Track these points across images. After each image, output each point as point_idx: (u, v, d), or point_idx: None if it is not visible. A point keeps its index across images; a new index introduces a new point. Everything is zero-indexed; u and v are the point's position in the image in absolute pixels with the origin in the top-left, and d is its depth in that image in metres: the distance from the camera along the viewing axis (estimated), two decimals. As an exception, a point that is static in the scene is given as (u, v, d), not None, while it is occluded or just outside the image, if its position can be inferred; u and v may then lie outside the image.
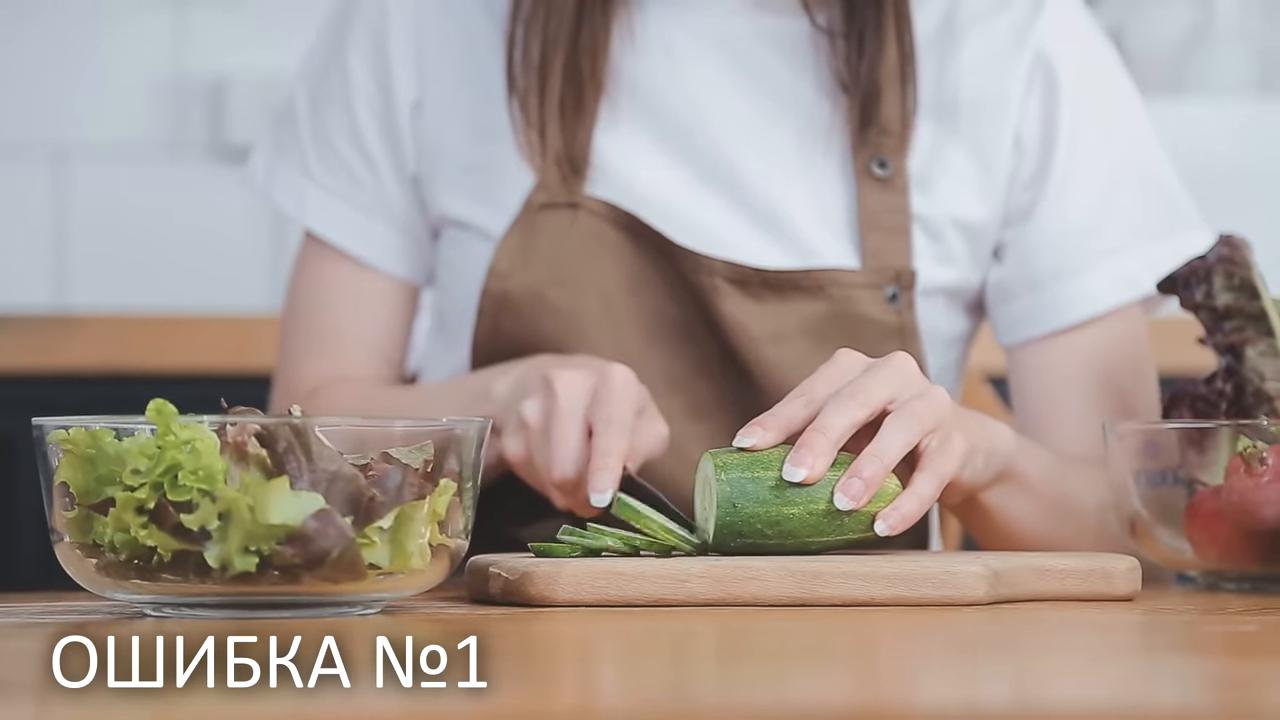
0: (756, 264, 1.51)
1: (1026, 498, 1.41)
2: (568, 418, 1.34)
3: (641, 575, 1.18)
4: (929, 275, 1.53)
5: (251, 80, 2.55)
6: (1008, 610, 1.19)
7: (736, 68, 1.54)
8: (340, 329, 1.57)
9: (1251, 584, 1.33)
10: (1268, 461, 1.29)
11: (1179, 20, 2.62)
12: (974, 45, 1.55)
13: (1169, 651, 1.04)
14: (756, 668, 0.96)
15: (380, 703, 0.84)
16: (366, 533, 1.09)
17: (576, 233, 1.50)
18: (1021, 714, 0.82)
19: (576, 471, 1.34)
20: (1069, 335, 1.54)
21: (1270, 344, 1.37)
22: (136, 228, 2.55)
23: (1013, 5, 1.56)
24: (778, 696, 0.85)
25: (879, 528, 1.22)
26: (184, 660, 0.96)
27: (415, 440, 1.12)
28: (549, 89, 1.51)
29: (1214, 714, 0.83)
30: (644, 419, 1.36)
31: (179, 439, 1.06)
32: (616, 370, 1.36)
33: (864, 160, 1.52)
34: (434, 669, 0.97)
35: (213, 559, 1.07)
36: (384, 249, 1.57)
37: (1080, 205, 1.55)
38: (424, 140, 1.55)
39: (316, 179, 1.57)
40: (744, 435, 1.23)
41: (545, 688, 0.88)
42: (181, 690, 0.87)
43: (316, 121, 1.57)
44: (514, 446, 1.38)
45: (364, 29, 1.56)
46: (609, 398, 1.34)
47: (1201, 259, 1.41)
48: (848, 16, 1.52)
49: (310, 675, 0.91)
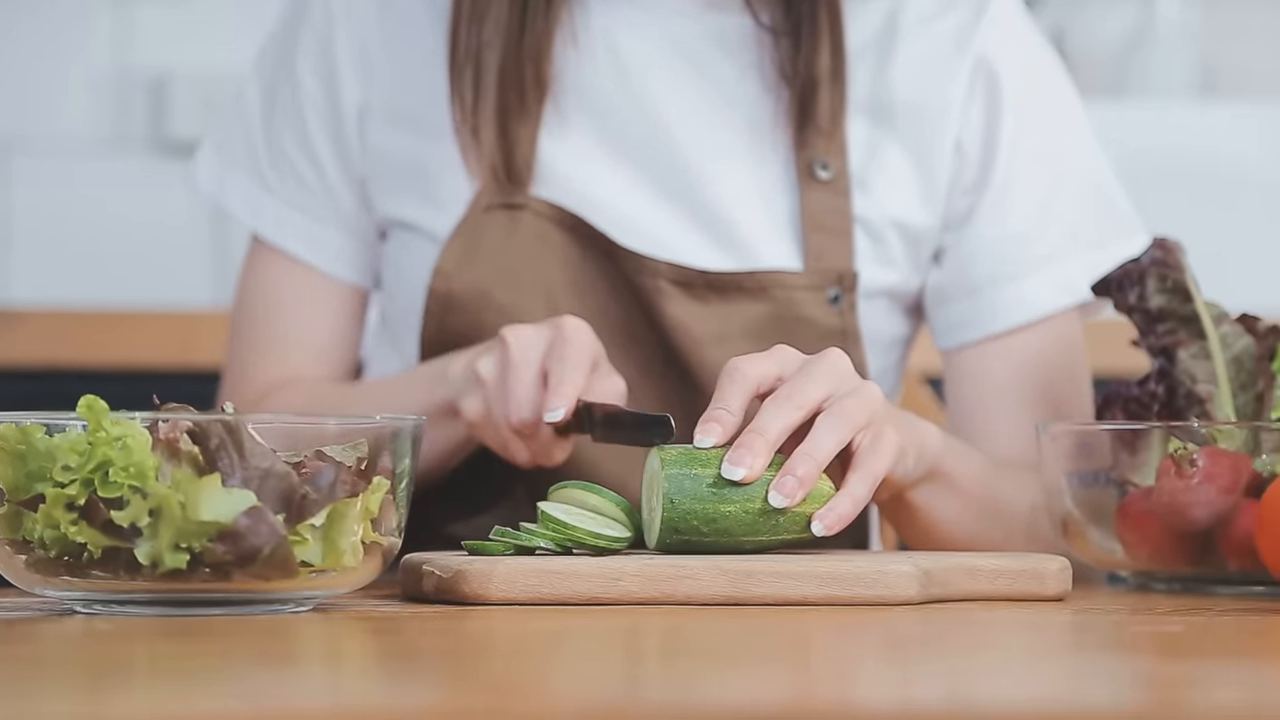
0: (700, 265, 1.51)
1: (954, 498, 1.42)
2: (521, 365, 1.35)
3: (575, 574, 1.18)
4: (870, 277, 1.54)
5: (194, 75, 2.54)
6: (939, 610, 1.19)
7: (683, 67, 1.54)
8: (289, 333, 1.57)
9: (1181, 584, 1.34)
10: (1198, 463, 1.30)
11: (1120, 23, 2.63)
12: (915, 48, 1.55)
13: (1097, 651, 1.05)
14: (691, 666, 0.96)
15: (311, 702, 0.84)
16: (299, 530, 1.09)
17: (521, 233, 1.50)
18: (954, 713, 0.83)
19: (533, 413, 1.35)
20: (1005, 340, 1.55)
21: (1202, 346, 1.38)
22: (78, 223, 2.54)
23: (955, 9, 1.56)
24: (713, 695, 0.85)
25: (816, 528, 1.22)
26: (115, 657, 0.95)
27: (349, 438, 1.12)
28: (484, 94, 1.51)
29: (1140, 713, 0.84)
30: (599, 373, 1.37)
31: (110, 435, 1.06)
32: (570, 320, 1.37)
33: (806, 161, 1.52)
34: (365, 667, 0.96)
35: (143, 556, 1.07)
36: (335, 254, 1.57)
37: (1020, 211, 1.55)
38: (370, 143, 1.56)
39: (269, 185, 1.57)
40: (704, 434, 1.23)
41: (477, 686, 0.88)
42: (112, 687, 0.86)
43: (268, 127, 1.57)
44: (471, 404, 1.38)
45: (311, 35, 1.56)
46: (564, 343, 1.35)
47: (1135, 262, 1.41)
48: (786, 13, 1.52)
49: (240, 673, 0.91)
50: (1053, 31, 2.61)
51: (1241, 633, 1.11)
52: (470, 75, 1.51)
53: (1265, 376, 1.37)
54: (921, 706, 0.84)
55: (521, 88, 1.51)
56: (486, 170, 1.51)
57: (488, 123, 1.51)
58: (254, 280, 1.59)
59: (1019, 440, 1.51)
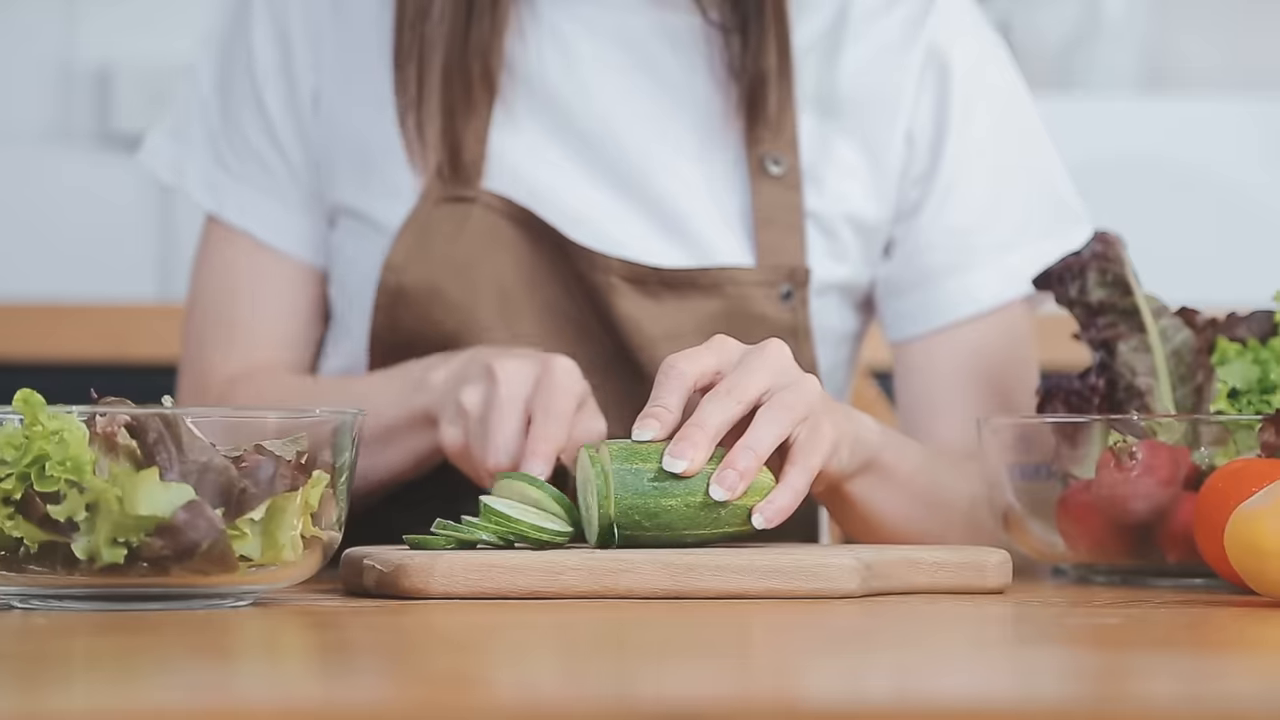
0: (652, 262, 1.51)
1: (891, 489, 1.42)
2: (507, 405, 1.34)
3: (516, 568, 1.18)
4: (823, 272, 1.54)
5: (139, 68, 2.53)
6: (880, 603, 1.20)
7: (633, 63, 1.54)
8: (252, 319, 1.56)
9: (1121, 577, 1.35)
10: (1137, 456, 1.31)
11: (1066, 17, 2.64)
12: (865, 42, 1.56)
13: (1036, 644, 1.05)
14: (633, 660, 0.96)
15: (250, 697, 0.84)
16: (237, 524, 1.09)
17: (472, 228, 1.50)
18: (895, 705, 0.83)
19: (511, 460, 1.34)
20: (953, 332, 1.55)
21: (1142, 340, 1.39)
22: (21, 215, 2.52)
23: (904, 3, 1.57)
24: (655, 689, 0.85)
25: (756, 520, 1.23)
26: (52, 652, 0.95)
27: (289, 432, 1.12)
28: (428, 93, 1.51)
29: (1077, 704, 0.85)
30: (583, 412, 1.36)
31: (47, 429, 1.06)
32: (559, 361, 1.35)
33: (758, 157, 1.52)
34: (304, 662, 0.96)
35: (80, 550, 1.07)
36: (298, 236, 1.56)
37: (969, 203, 1.56)
38: (323, 130, 1.55)
39: (229, 167, 1.56)
40: (642, 428, 1.23)
41: (418, 681, 0.87)
42: (49, 683, 0.86)
43: (225, 111, 1.57)
44: (452, 434, 1.37)
45: (267, 20, 1.56)
46: (550, 388, 1.34)
47: (1076, 255, 1.42)
48: (734, 9, 1.52)
49: (179, 668, 0.91)
50: (999, 25, 2.62)
51: (1178, 625, 1.12)
52: (414, 73, 1.51)
53: (1204, 370, 1.38)
54: (863, 699, 0.85)
55: (468, 84, 1.51)
56: (432, 167, 1.51)
57: (432, 120, 1.51)
58: (212, 266, 1.57)
59: (966, 431, 1.51)
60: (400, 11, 1.52)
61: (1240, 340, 1.38)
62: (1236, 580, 1.21)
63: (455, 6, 1.51)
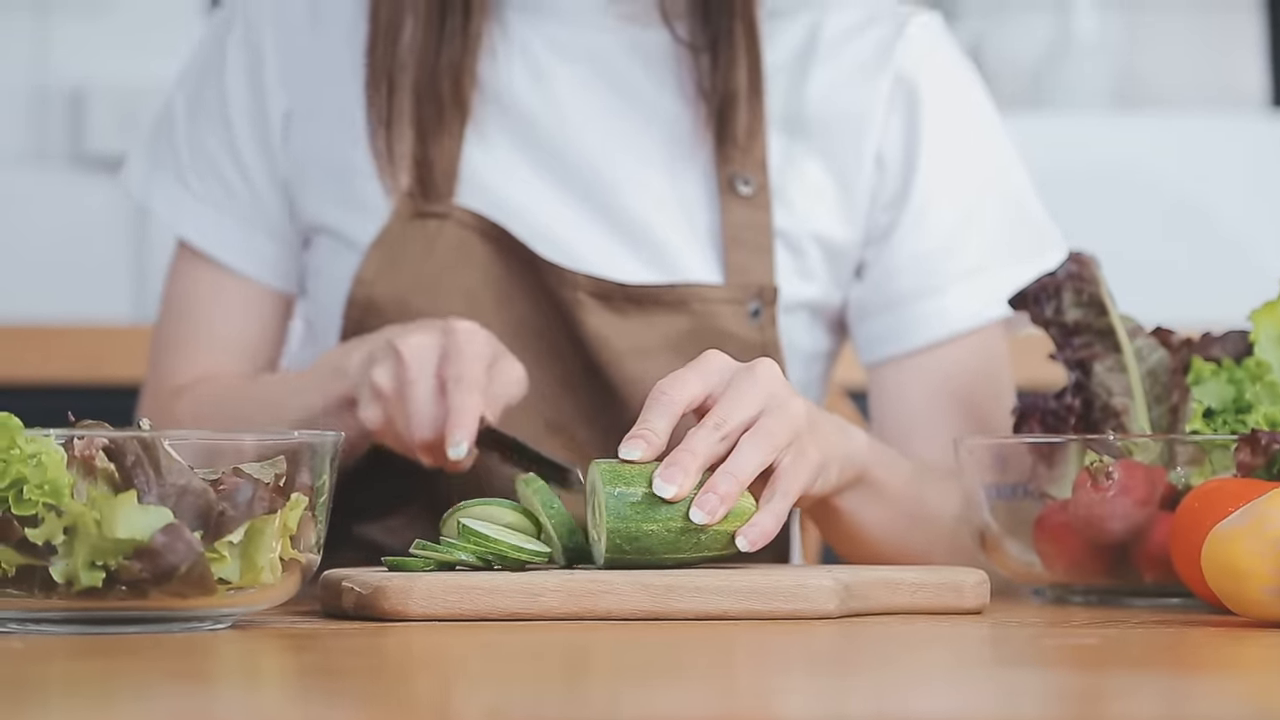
0: (620, 278, 1.51)
1: (879, 504, 1.42)
2: (418, 382, 1.36)
3: (495, 589, 1.18)
4: (791, 291, 1.54)
5: (113, 89, 2.53)
6: (859, 624, 1.20)
7: (602, 81, 1.54)
8: (210, 332, 1.57)
9: (1098, 597, 1.35)
10: (1114, 476, 1.31)
11: (1037, 35, 2.65)
12: (835, 63, 1.56)
13: (1013, 665, 1.06)
14: (612, 682, 0.96)
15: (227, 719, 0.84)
16: (216, 547, 1.09)
17: (443, 243, 1.51)
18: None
19: (435, 432, 1.35)
20: (927, 354, 1.56)
21: (1118, 360, 1.39)
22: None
23: (875, 25, 1.57)
24: (635, 711, 0.85)
25: (740, 543, 1.23)
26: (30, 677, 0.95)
27: (267, 454, 1.12)
28: (399, 112, 1.51)
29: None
30: (497, 366, 1.37)
31: (24, 453, 1.05)
32: (460, 327, 1.37)
33: (727, 177, 1.53)
34: (284, 685, 0.96)
35: (59, 574, 1.07)
36: (259, 259, 1.57)
37: (940, 226, 1.56)
38: (294, 149, 1.56)
39: (192, 189, 1.57)
40: (629, 448, 1.24)
41: (398, 703, 0.87)
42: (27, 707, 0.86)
43: (194, 132, 1.58)
44: (370, 415, 1.39)
45: (240, 40, 1.57)
46: (457, 356, 1.35)
47: (1051, 275, 1.42)
48: (704, 28, 1.53)
49: (158, 692, 0.91)
50: (970, 44, 2.62)
51: (1156, 645, 1.12)
52: (385, 92, 1.52)
53: (1179, 389, 1.38)
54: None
55: (439, 104, 1.52)
56: (404, 185, 1.52)
57: (404, 139, 1.51)
58: (177, 285, 1.60)
59: (942, 454, 1.52)
60: (373, 30, 1.53)
61: (1215, 360, 1.38)
62: (1213, 600, 1.22)
63: (427, 26, 1.51)
